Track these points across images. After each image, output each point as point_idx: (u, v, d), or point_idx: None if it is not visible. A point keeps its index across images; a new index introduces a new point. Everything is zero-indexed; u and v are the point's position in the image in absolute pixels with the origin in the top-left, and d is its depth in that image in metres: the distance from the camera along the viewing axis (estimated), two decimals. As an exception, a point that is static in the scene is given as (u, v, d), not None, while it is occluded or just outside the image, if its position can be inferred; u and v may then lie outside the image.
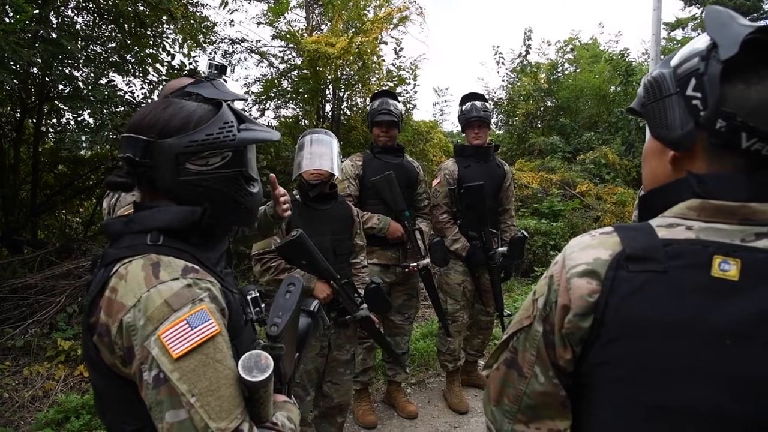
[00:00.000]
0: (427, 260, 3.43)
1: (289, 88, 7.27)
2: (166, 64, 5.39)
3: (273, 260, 2.63)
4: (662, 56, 6.32)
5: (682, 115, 0.85)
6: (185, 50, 5.66)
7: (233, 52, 7.11)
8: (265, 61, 7.35)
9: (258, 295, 1.16)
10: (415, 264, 3.40)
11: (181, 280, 0.96)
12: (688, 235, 0.82)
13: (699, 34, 0.92)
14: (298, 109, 7.50)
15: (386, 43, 7.43)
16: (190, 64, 5.63)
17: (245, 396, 0.96)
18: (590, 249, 0.87)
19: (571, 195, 8.65)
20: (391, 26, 7.21)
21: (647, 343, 0.79)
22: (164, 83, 5.10)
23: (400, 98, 3.70)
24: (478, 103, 3.61)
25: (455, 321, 3.66)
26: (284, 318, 1.06)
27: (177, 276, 0.97)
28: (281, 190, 1.74)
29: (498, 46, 12.93)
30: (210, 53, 6.58)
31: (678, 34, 16.77)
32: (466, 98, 3.71)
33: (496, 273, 3.57)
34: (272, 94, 7.20)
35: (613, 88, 12.20)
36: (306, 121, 7.31)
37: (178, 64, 5.46)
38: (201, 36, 5.92)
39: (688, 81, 0.84)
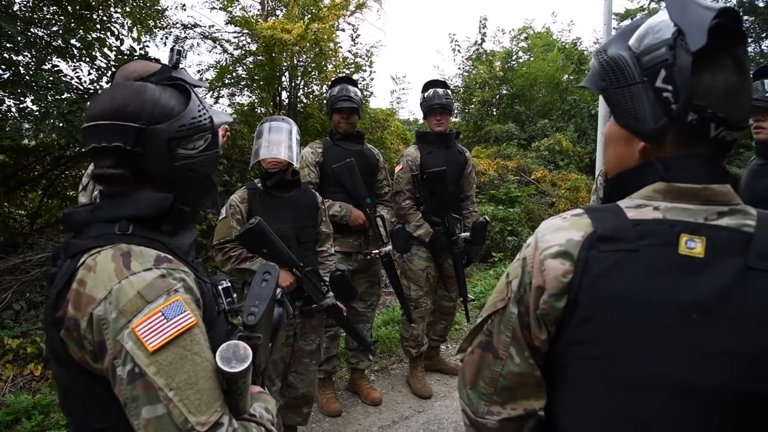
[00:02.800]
0: (389, 247, 3.43)
1: (244, 75, 7.12)
2: (114, 48, 5.18)
3: (234, 249, 2.58)
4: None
5: (654, 108, 0.85)
6: (135, 35, 5.45)
7: (185, 37, 6.90)
8: (219, 47, 7.17)
9: (229, 285, 1.13)
10: (377, 251, 3.40)
11: (154, 270, 0.93)
12: (655, 215, 0.84)
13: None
14: (253, 97, 7.36)
15: (343, 30, 7.36)
16: (140, 49, 5.42)
17: (224, 388, 0.94)
18: (562, 231, 0.88)
19: (526, 181, 8.81)
20: (348, 13, 7.14)
21: (620, 320, 0.81)
22: (113, 69, 4.90)
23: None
24: (440, 90, 3.62)
25: (419, 307, 3.68)
26: (261, 307, 1.04)
27: (149, 266, 0.93)
28: None
29: (454, 34, 12.99)
30: (161, 38, 6.37)
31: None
32: (428, 85, 3.71)
33: (459, 258, 3.61)
34: (227, 81, 7.03)
35: (566, 76, 12.43)
36: (262, 109, 7.17)
37: (128, 49, 5.25)
38: (151, 21, 5.71)
39: (657, 72, 0.84)
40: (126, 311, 0.88)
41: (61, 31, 4.81)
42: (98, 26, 5.08)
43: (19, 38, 4.29)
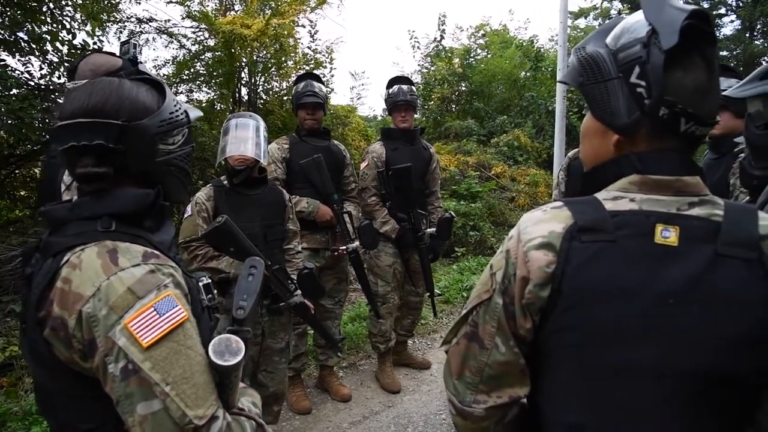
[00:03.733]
0: (356, 243, 3.44)
1: (202, 71, 6.97)
2: (67, 42, 4.98)
3: (200, 248, 2.53)
4: (569, 43, 6.63)
5: (628, 102, 0.89)
6: (89, 28, 5.26)
7: (140, 32, 6.70)
8: (176, 43, 7.00)
9: (210, 281, 1.12)
10: (344, 247, 3.39)
11: (142, 266, 0.91)
12: (631, 206, 0.88)
13: (601, 24, 0.95)
14: (212, 93, 7.22)
15: (303, 26, 7.30)
16: (95, 43, 5.24)
17: (216, 382, 0.94)
18: (544, 223, 0.91)
19: (487, 177, 8.94)
20: (308, 9, 7.08)
21: (600, 308, 0.84)
22: (66, 63, 4.72)
23: (316, 82, 3.65)
24: (404, 87, 3.64)
25: (386, 302, 3.69)
26: (249, 301, 1.04)
27: (138, 262, 0.92)
28: None
29: (413, 31, 13.07)
30: (115, 33, 6.17)
31: (581, 22, 17.83)
32: (392, 82, 3.72)
33: (425, 254, 3.64)
34: (184, 77, 6.88)
35: (523, 73, 12.68)
36: (221, 106, 7.05)
37: (81, 43, 5.07)
38: (104, 15, 5.53)
39: (631, 68, 0.88)
40: (117, 307, 0.87)
41: (8, 23, 4.60)
42: (49, 19, 4.88)
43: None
